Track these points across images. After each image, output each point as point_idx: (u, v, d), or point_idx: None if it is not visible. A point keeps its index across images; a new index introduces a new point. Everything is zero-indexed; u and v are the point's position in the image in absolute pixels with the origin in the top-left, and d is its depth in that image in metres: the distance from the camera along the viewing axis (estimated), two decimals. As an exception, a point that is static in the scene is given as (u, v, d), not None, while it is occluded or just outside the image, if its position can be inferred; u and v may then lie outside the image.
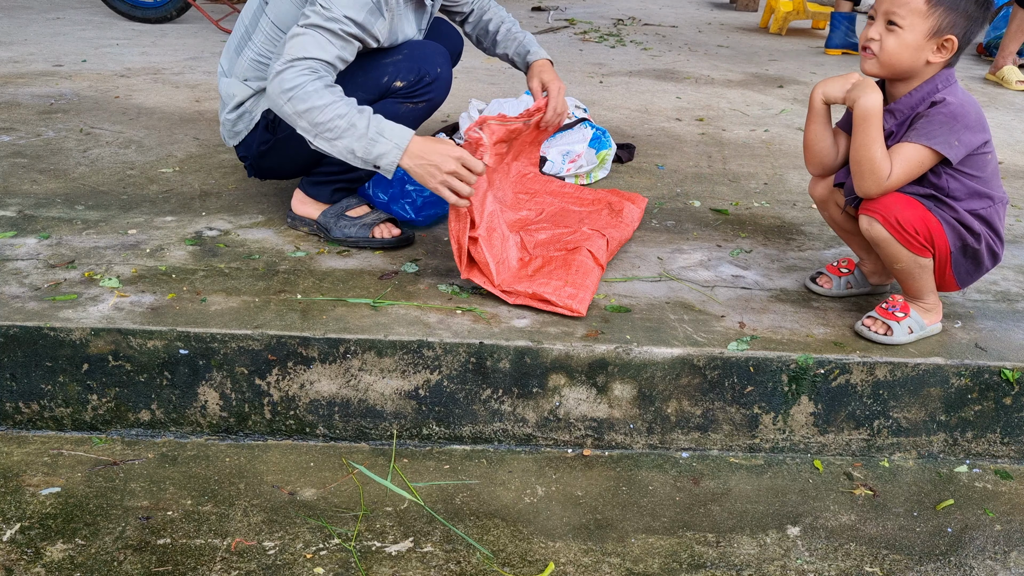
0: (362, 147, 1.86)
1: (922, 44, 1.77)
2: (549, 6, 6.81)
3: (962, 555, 1.67)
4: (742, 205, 2.71)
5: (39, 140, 2.94)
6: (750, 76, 4.66)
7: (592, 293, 1.99)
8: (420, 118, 2.16)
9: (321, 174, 2.21)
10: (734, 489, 1.82)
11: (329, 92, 1.87)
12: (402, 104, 2.09)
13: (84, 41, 4.62)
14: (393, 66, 2.06)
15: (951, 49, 1.77)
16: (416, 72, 2.07)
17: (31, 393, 1.85)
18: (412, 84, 2.08)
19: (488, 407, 1.88)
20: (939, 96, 1.79)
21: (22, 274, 2.00)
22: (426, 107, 2.14)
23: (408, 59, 2.08)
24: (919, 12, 1.74)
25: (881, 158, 1.77)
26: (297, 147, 2.07)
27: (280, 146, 2.16)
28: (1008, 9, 5.36)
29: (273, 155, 2.20)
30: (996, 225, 1.88)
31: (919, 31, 1.75)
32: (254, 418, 1.89)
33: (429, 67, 2.08)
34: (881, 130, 1.78)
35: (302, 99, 1.85)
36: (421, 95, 2.10)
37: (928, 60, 1.78)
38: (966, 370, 1.88)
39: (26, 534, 1.59)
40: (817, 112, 1.91)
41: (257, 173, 2.31)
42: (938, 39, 1.76)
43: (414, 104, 2.11)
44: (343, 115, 1.85)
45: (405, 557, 1.58)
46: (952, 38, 1.76)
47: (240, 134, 2.20)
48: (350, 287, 2.02)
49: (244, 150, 2.24)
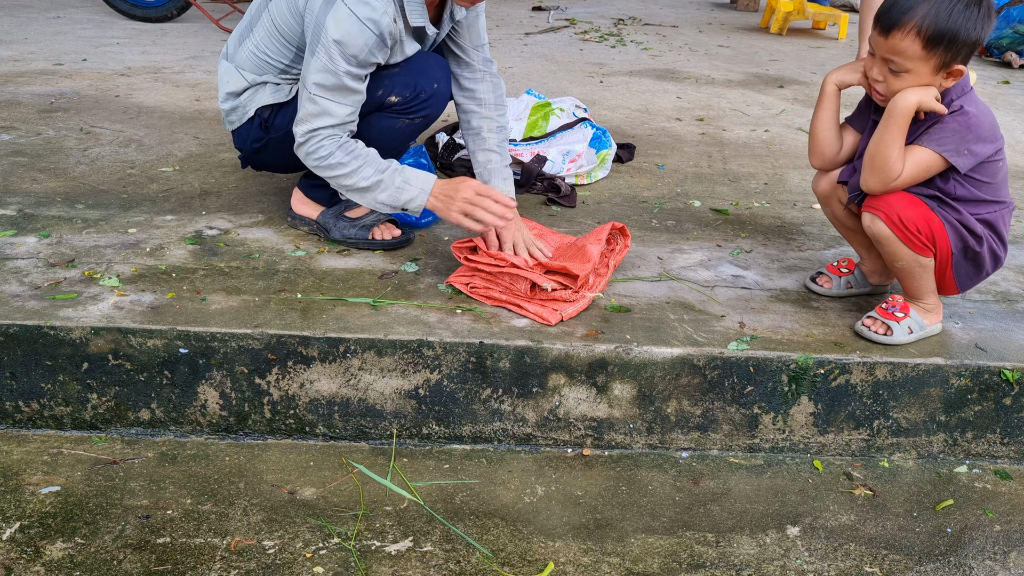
0: (390, 197, 2.00)
1: (930, 80, 1.75)
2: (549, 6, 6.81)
3: (962, 555, 1.67)
4: (742, 205, 2.71)
5: (39, 139, 2.94)
6: (750, 76, 4.66)
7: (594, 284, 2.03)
8: (415, 132, 2.15)
9: (319, 178, 2.20)
10: (734, 489, 1.82)
11: (352, 158, 1.98)
12: (397, 119, 2.08)
13: (84, 40, 4.62)
14: (389, 80, 2.04)
15: (959, 75, 1.75)
16: (412, 88, 2.04)
17: (31, 392, 1.85)
18: (408, 100, 2.05)
19: (488, 407, 1.88)
20: (955, 105, 1.78)
21: (22, 273, 2.00)
22: (422, 122, 2.12)
23: (405, 74, 2.05)
24: (919, 57, 1.71)
25: (896, 159, 1.77)
26: (290, 146, 2.07)
27: (273, 145, 2.16)
28: (1008, 9, 5.36)
29: (267, 153, 2.20)
30: (1000, 229, 1.87)
31: (923, 72, 1.73)
32: (254, 417, 1.89)
33: (426, 83, 2.06)
34: (905, 131, 1.76)
35: (329, 168, 1.99)
36: (416, 111, 2.08)
37: (941, 86, 1.77)
38: (966, 370, 1.88)
39: (26, 533, 1.59)
40: (827, 97, 1.91)
41: (252, 166, 2.32)
42: (945, 71, 1.74)
43: (409, 120, 2.09)
44: (369, 177, 1.98)
45: (405, 556, 1.58)
46: (959, 68, 1.74)
47: (233, 124, 2.20)
48: (350, 286, 2.02)
49: (239, 142, 2.24)
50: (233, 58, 2.17)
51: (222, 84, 2.17)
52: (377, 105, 2.05)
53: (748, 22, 6.61)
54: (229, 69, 2.16)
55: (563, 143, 2.85)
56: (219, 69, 2.20)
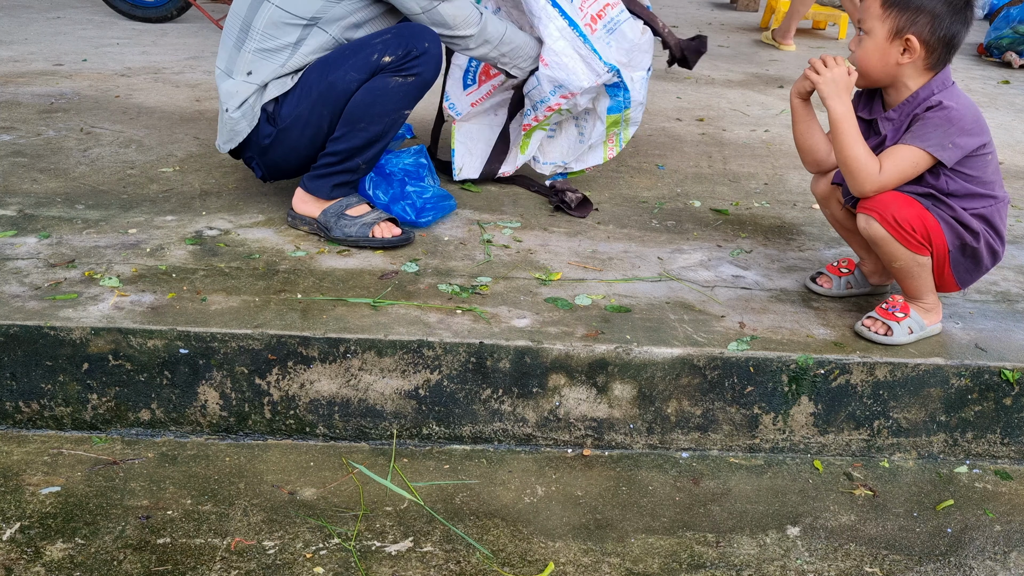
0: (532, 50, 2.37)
1: (885, 47, 1.79)
2: (549, 6, 6.80)
3: (962, 555, 1.67)
4: (742, 205, 2.71)
5: (39, 139, 2.94)
6: (750, 76, 4.66)
7: None
8: (412, 95, 2.20)
9: (321, 167, 2.22)
10: (734, 489, 1.82)
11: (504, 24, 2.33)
12: (392, 78, 2.14)
13: (84, 40, 4.62)
14: (382, 43, 2.14)
15: (913, 49, 1.77)
16: (403, 47, 2.13)
17: (31, 392, 1.85)
18: (400, 59, 2.13)
19: (488, 407, 1.88)
20: (935, 99, 1.80)
21: (22, 273, 2.00)
22: (416, 81, 2.17)
23: (396, 36, 2.15)
24: (877, 16, 1.78)
25: (865, 156, 1.79)
26: (298, 135, 2.17)
27: (283, 136, 2.20)
28: (1008, 10, 5.36)
29: (278, 147, 2.23)
30: (997, 224, 1.88)
31: (880, 34, 1.79)
32: (254, 418, 1.89)
33: (416, 43, 2.14)
34: (857, 130, 1.80)
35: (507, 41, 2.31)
36: (409, 69, 2.14)
37: (897, 62, 1.79)
38: (966, 370, 1.88)
39: (26, 533, 1.59)
40: (794, 111, 1.97)
41: (266, 172, 2.33)
42: (900, 40, 1.77)
43: (403, 78, 2.14)
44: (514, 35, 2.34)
45: (405, 557, 1.58)
46: (911, 37, 1.76)
47: (242, 133, 2.21)
48: (350, 287, 2.02)
49: (249, 150, 2.26)
50: (233, 71, 2.20)
51: (227, 100, 2.20)
52: (373, 69, 2.13)
53: (748, 22, 6.61)
54: (234, 84, 2.19)
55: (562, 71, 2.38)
56: (220, 90, 2.23)
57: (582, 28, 2.36)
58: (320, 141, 2.21)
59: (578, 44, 2.36)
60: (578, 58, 2.36)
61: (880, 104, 1.91)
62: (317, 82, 2.15)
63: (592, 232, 2.43)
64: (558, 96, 2.42)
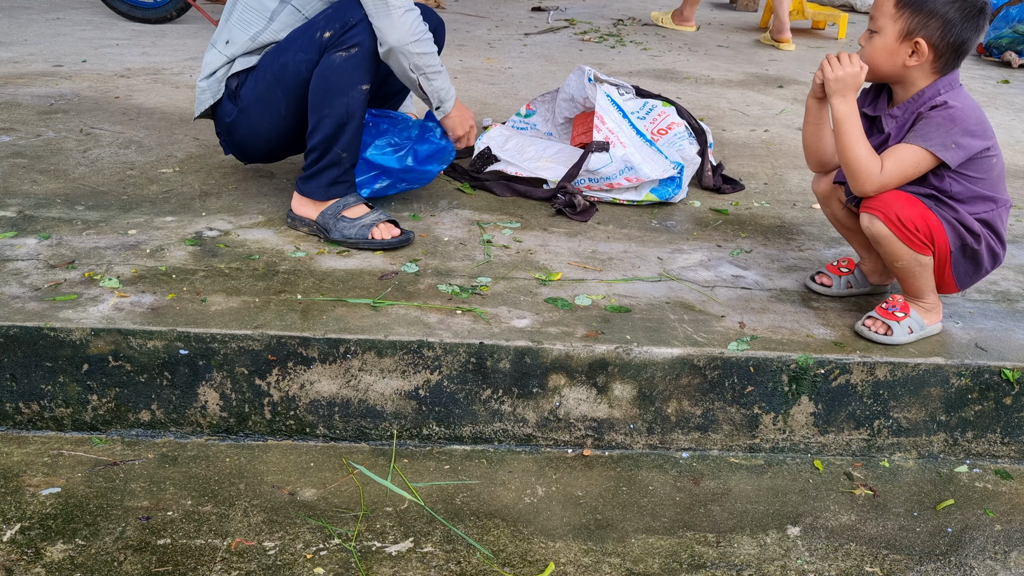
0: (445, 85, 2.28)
1: (894, 47, 1.79)
2: (549, 6, 6.81)
3: (962, 555, 1.67)
4: (742, 205, 2.71)
5: (39, 140, 2.94)
6: (750, 76, 4.66)
7: None
8: (362, 68, 2.16)
9: (308, 167, 2.24)
10: (734, 489, 1.82)
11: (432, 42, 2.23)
12: (335, 54, 2.15)
13: (84, 41, 4.62)
14: (324, 19, 2.17)
15: (921, 52, 1.77)
16: (340, 19, 2.15)
17: (31, 393, 1.85)
18: (338, 31, 2.14)
19: (488, 407, 1.88)
20: (940, 99, 1.79)
21: (22, 274, 2.00)
22: (359, 52, 2.15)
23: (335, 9, 2.18)
24: (889, 15, 1.78)
25: (867, 156, 1.79)
26: (257, 116, 2.22)
27: (242, 117, 2.25)
28: (1007, 9, 5.36)
29: (239, 127, 2.28)
30: (998, 227, 1.88)
31: (890, 34, 1.79)
32: (254, 418, 1.89)
33: (352, 13, 2.15)
34: (860, 129, 1.80)
35: (428, 42, 2.19)
36: (348, 40, 2.14)
37: (905, 64, 1.79)
38: (966, 370, 1.88)
39: (26, 534, 1.59)
40: (809, 111, 1.97)
41: (234, 151, 2.40)
42: (909, 42, 1.77)
43: (346, 51, 2.14)
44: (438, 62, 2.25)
45: (405, 557, 1.58)
46: (920, 41, 1.76)
47: (204, 103, 2.30)
48: (350, 287, 2.02)
49: (218, 125, 2.35)
50: (216, 40, 2.29)
51: (205, 69, 2.29)
52: (320, 48, 2.15)
53: (747, 22, 6.61)
54: (212, 54, 2.28)
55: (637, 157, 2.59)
56: (203, 59, 2.32)
57: (648, 137, 2.73)
58: (282, 126, 2.25)
59: (646, 148, 2.67)
60: (649, 153, 2.65)
61: (886, 101, 1.91)
62: (271, 64, 2.20)
63: (592, 232, 2.44)
64: (622, 177, 2.58)
